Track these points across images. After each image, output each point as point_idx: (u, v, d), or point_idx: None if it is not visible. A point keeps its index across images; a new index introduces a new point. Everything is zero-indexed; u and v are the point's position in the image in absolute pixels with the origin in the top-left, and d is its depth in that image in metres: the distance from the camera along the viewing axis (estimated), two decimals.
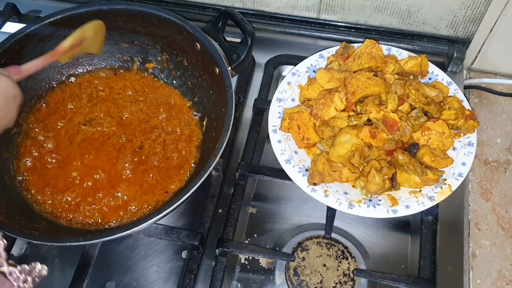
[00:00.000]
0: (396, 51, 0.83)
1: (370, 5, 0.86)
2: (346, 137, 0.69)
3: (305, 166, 0.74)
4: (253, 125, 0.83)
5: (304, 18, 0.92)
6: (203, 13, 0.93)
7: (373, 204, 0.69)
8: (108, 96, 0.83)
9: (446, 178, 0.71)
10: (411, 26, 0.88)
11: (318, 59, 0.83)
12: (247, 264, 0.73)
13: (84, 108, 0.81)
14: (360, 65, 0.76)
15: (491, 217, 0.78)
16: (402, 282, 0.67)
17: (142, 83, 0.84)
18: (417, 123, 0.70)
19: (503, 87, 0.92)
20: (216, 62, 0.69)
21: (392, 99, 0.70)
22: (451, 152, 0.73)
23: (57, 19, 0.76)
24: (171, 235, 0.71)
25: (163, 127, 0.79)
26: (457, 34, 0.88)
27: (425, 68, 0.80)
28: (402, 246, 0.75)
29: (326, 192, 0.70)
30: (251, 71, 0.91)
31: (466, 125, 0.73)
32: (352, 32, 0.91)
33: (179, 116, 0.81)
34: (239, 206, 0.75)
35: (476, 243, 0.76)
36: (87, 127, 0.79)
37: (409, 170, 0.68)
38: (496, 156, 0.84)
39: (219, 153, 0.63)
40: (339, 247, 0.71)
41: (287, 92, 0.81)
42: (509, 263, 0.74)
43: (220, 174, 0.78)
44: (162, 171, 0.75)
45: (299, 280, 0.68)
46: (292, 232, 0.75)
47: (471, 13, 0.82)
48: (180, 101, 0.82)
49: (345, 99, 0.72)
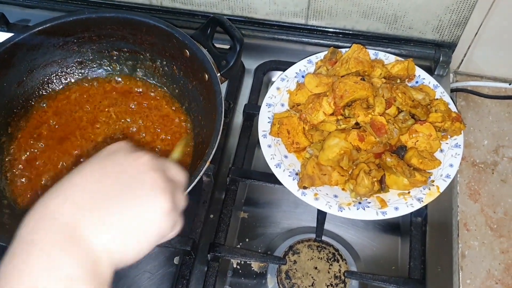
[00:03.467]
0: (383, 55, 0.84)
1: (357, 11, 0.87)
2: (335, 140, 0.70)
3: (295, 170, 0.74)
4: (243, 131, 0.84)
5: (293, 24, 0.93)
6: (192, 20, 0.93)
7: (363, 206, 0.70)
8: (97, 104, 0.83)
9: (434, 180, 0.72)
10: (397, 31, 0.90)
11: (307, 65, 0.84)
12: (239, 268, 0.74)
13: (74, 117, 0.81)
14: (347, 69, 0.77)
15: (479, 218, 0.79)
16: (392, 283, 0.68)
17: (131, 90, 0.84)
18: (404, 125, 0.72)
19: (489, 89, 0.93)
20: (205, 68, 0.70)
21: (379, 103, 0.71)
22: (439, 154, 0.75)
23: (46, 27, 0.76)
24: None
25: (152, 134, 0.80)
26: (443, 38, 0.89)
27: (412, 72, 0.81)
28: (392, 248, 0.76)
29: (316, 195, 0.71)
30: (240, 78, 0.91)
31: (453, 127, 0.74)
32: (340, 37, 0.92)
33: (169, 123, 0.81)
34: (230, 211, 0.75)
35: (465, 244, 0.77)
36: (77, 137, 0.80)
37: (397, 172, 0.69)
38: (484, 157, 0.85)
39: (209, 158, 0.64)
40: (330, 250, 0.71)
41: (276, 97, 0.82)
42: (497, 263, 0.75)
43: (211, 180, 0.79)
44: None
45: (291, 283, 0.69)
46: (284, 236, 0.76)
47: (455, 17, 0.84)
48: (170, 108, 0.82)
49: (333, 103, 0.73)
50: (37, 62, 0.80)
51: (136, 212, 0.40)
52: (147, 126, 0.81)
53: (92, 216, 0.38)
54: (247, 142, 0.83)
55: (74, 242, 0.36)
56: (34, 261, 0.35)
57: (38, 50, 0.79)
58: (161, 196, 0.41)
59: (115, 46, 0.83)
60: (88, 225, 0.37)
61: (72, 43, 0.81)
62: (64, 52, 0.82)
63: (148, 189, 0.41)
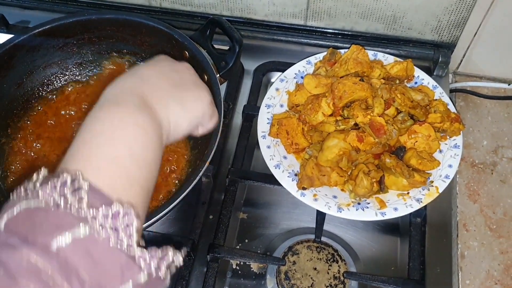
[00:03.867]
0: (382, 56, 0.84)
1: (356, 12, 0.87)
2: (334, 141, 0.70)
3: (295, 171, 0.75)
4: (242, 132, 0.84)
5: (292, 25, 0.93)
6: (192, 21, 0.93)
7: (362, 207, 0.70)
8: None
9: (433, 180, 0.72)
10: (396, 32, 0.90)
11: (306, 65, 0.84)
12: (238, 269, 0.74)
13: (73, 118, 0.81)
14: (346, 70, 0.77)
15: (479, 218, 0.79)
16: (392, 284, 0.68)
17: None
18: (403, 126, 0.72)
19: (488, 90, 0.93)
20: (205, 69, 0.70)
21: (378, 103, 0.71)
22: (438, 154, 0.75)
23: (46, 29, 0.76)
24: (162, 242, 0.71)
25: None
26: (442, 39, 0.89)
27: (411, 73, 0.81)
28: (391, 249, 0.76)
29: (315, 196, 0.71)
30: (240, 78, 0.91)
31: (452, 128, 0.74)
32: (339, 38, 0.93)
33: None
34: (229, 212, 0.75)
35: (464, 244, 0.77)
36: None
37: (396, 173, 0.69)
38: (483, 158, 0.85)
39: (209, 159, 0.64)
40: (329, 251, 0.71)
41: (275, 98, 0.82)
42: (497, 263, 0.75)
43: (210, 181, 0.79)
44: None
45: (290, 284, 0.69)
46: (283, 237, 0.76)
47: (454, 18, 0.84)
48: None
49: (332, 104, 0.73)
50: (36, 64, 0.80)
51: (187, 98, 0.52)
52: None
53: (158, 95, 0.48)
54: (246, 143, 0.83)
55: (147, 107, 0.46)
56: (118, 113, 0.44)
57: (38, 51, 0.79)
58: (203, 90, 0.55)
59: (114, 48, 0.83)
60: (155, 100, 0.48)
61: (72, 45, 0.81)
62: (63, 53, 0.82)
63: (194, 85, 0.55)
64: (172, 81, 0.52)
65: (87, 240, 0.34)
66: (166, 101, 0.49)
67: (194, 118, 0.53)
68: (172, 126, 0.49)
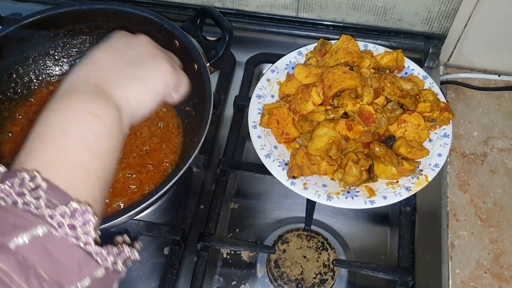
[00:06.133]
0: (373, 47, 0.84)
1: (347, 3, 0.87)
2: (324, 130, 0.70)
3: (285, 160, 0.75)
4: (234, 122, 0.84)
5: (283, 17, 0.93)
6: (183, 13, 0.93)
7: (351, 195, 0.70)
8: None
9: (423, 169, 0.72)
10: (387, 23, 0.90)
11: (297, 56, 0.85)
12: (229, 258, 0.74)
13: None
14: (336, 60, 0.77)
15: (469, 208, 0.80)
16: (381, 272, 0.68)
17: None
18: (393, 115, 0.72)
19: (479, 82, 0.93)
20: (195, 58, 0.70)
21: (367, 92, 0.71)
22: (427, 143, 0.75)
23: (36, 19, 0.76)
24: (152, 230, 0.71)
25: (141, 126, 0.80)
26: (432, 30, 0.90)
27: (401, 63, 0.81)
28: (381, 238, 0.76)
29: (305, 185, 0.71)
30: (231, 70, 0.92)
31: (442, 117, 0.75)
32: (330, 29, 0.93)
33: (158, 115, 0.81)
34: (220, 202, 0.75)
35: (454, 234, 0.77)
36: None
37: (385, 162, 0.69)
38: (473, 149, 0.86)
39: (198, 146, 0.64)
40: (319, 239, 0.71)
41: (266, 88, 0.82)
42: (487, 253, 0.75)
43: (201, 171, 0.79)
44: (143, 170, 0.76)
45: (280, 272, 0.69)
46: (273, 226, 0.76)
47: (444, 8, 0.84)
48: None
49: (322, 93, 0.73)
50: (27, 54, 0.80)
51: (144, 73, 0.50)
52: None
53: (113, 77, 0.47)
54: (238, 134, 0.83)
55: (101, 93, 0.45)
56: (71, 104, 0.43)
57: (29, 42, 0.79)
58: (160, 60, 0.53)
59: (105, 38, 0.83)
60: (110, 83, 0.47)
61: (63, 35, 0.81)
62: (55, 44, 0.82)
63: (151, 57, 0.53)
64: (127, 58, 0.51)
65: (45, 238, 0.34)
66: (122, 81, 0.48)
67: (156, 91, 0.51)
68: (134, 105, 0.48)
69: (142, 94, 0.49)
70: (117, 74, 0.48)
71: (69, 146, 0.40)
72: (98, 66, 0.48)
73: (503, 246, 0.75)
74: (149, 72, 0.51)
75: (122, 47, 0.52)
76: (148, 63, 0.52)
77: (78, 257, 0.36)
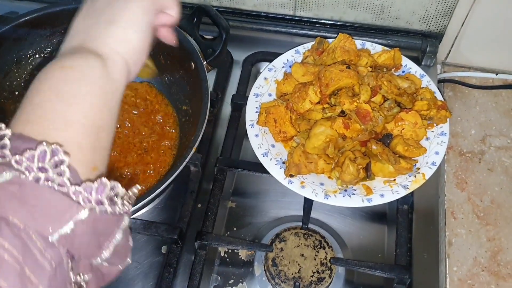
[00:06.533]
0: (370, 45, 0.84)
1: (344, 2, 0.87)
2: (321, 128, 0.70)
3: (282, 159, 0.75)
4: (231, 121, 0.84)
5: (280, 15, 0.93)
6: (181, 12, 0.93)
7: (348, 194, 0.70)
8: None
9: (420, 167, 0.72)
10: (384, 21, 0.90)
11: (294, 55, 0.85)
12: (226, 257, 0.74)
13: None
14: (334, 59, 0.77)
15: (466, 206, 0.80)
16: (378, 270, 0.68)
17: None
18: (390, 113, 0.72)
19: (476, 80, 0.94)
20: (192, 56, 0.70)
21: (364, 91, 0.71)
22: (425, 142, 0.75)
23: (32, 17, 0.76)
24: (150, 229, 0.71)
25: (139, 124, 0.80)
26: (429, 29, 0.90)
27: (398, 61, 0.81)
28: (379, 237, 0.76)
29: (303, 183, 0.71)
30: (229, 69, 0.92)
31: (439, 115, 0.75)
32: (328, 28, 0.93)
33: (156, 113, 0.81)
34: (218, 201, 0.75)
35: (452, 232, 0.77)
36: None
37: (382, 160, 0.69)
38: (471, 147, 0.86)
39: (195, 145, 0.64)
40: (316, 237, 0.71)
41: (264, 87, 0.82)
42: (484, 250, 0.75)
43: (199, 170, 0.79)
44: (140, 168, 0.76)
45: (278, 270, 0.69)
46: (271, 225, 0.76)
47: (441, 7, 0.84)
48: (157, 98, 0.82)
49: (320, 92, 0.73)
50: (24, 53, 0.80)
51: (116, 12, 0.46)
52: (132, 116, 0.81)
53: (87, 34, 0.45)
54: (235, 133, 0.83)
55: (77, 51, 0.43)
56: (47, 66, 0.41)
57: (25, 40, 0.79)
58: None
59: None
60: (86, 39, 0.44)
61: (59, 34, 0.81)
62: (51, 43, 0.81)
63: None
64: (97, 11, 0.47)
65: (13, 184, 0.32)
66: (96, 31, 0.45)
67: (138, 22, 0.47)
68: (122, 48, 0.45)
69: (123, 33, 0.45)
70: (90, 29, 0.45)
71: (40, 100, 0.39)
72: (72, 34, 0.46)
73: (500, 244, 0.75)
74: (121, 8, 0.47)
75: (90, 4, 0.49)
76: (119, 1, 0.47)
77: (55, 200, 0.33)
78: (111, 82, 0.43)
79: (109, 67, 0.43)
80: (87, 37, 0.45)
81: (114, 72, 0.43)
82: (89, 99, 0.40)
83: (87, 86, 0.41)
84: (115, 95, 0.43)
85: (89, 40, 0.44)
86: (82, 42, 0.44)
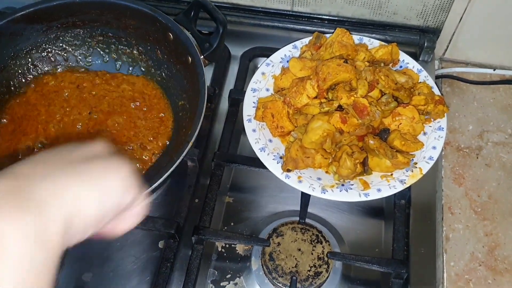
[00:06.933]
0: (368, 40, 0.84)
1: None
2: (318, 123, 0.70)
3: (280, 153, 0.75)
4: (229, 116, 0.84)
5: (278, 11, 0.93)
6: (178, 7, 0.93)
7: (346, 188, 0.70)
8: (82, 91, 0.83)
9: (417, 162, 0.72)
10: (382, 17, 0.90)
11: (292, 50, 0.84)
12: (223, 252, 0.74)
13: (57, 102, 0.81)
14: (331, 53, 0.77)
15: (464, 202, 0.80)
16: (375, 264, 0.68)
17: (116, 76, 0.84)
18: (387, 108, 0.72)
19: (474, 76, 0.94)
20: (189, 51, 0.70)
21: (362, 85, 0.71)
22: (422, 136, 0.75)
23: (29, 12, 0.75)
24: (147, 224, 0.71)
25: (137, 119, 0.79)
26: (427, 24, 0.90)
27: (395, 56, 0.81)
28: (376, 232, 0.76)
29: (300, 178, 0.71)
30: (226, 64, 0.91)
31: (436, 110, 0.75)
32: (326, 23, 0.93)
33: (153, 108, 0.81)
34: (215, 195, 0.75)
35: (449, 227, 0.77)
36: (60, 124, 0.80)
37: (380, 154, 0.69)
38: (468, 142, 0.86)
39: (192, 139, 0.64)
40: (313, 232, 0.71)
41: (261, 82, 0.82)
42: (481, 246, 0.75)
43: (196, 165, 0.79)
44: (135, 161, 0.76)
45: (275, 265, 0.69)
46: (268, 220, 0.76)
47: (439, 2, 0.84)
48: (154, 93, 0.82)
49: (317, 86, 0.73)
50: (20, 48, 0.80)
51: (93, 167, 0.39)
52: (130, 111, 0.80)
53: (45, 184, 0.35)
54: (233, 128, 0.83)
55: (22, 203, 0.33)
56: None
57: (22, 35, 0.78)
58: (118, 159, 0.41)
59: (99, 32, 0.83)
60: (39, 190, 0.35)
61: (56, 29, 0.81)
62: (48, 37, 0.81)
63: (105, 154, 0.41)
64: (72, 156, 0.39)
65: None
66: (56, 176, 0.36)
67: (109, 196, 0.39)
68: (73, 208, 0.36)
69: (86, 197, 0.37)
70: (52, 176, 0.36)
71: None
72: (28, 169, 0.36)
73: (497, 239, 0.75)
74: (99, 173, 0.39)
75: (66, 152, 0.40)
76: (97, 165, 0.39)
77: None
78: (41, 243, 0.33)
79: (43, 223, 0.33)
80: (42, 184, 0.35)
81: (48, 233, 0.34)
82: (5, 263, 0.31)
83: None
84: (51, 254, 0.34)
85: (43, 188, 0.35)
86: (31, 185, 0.35)
